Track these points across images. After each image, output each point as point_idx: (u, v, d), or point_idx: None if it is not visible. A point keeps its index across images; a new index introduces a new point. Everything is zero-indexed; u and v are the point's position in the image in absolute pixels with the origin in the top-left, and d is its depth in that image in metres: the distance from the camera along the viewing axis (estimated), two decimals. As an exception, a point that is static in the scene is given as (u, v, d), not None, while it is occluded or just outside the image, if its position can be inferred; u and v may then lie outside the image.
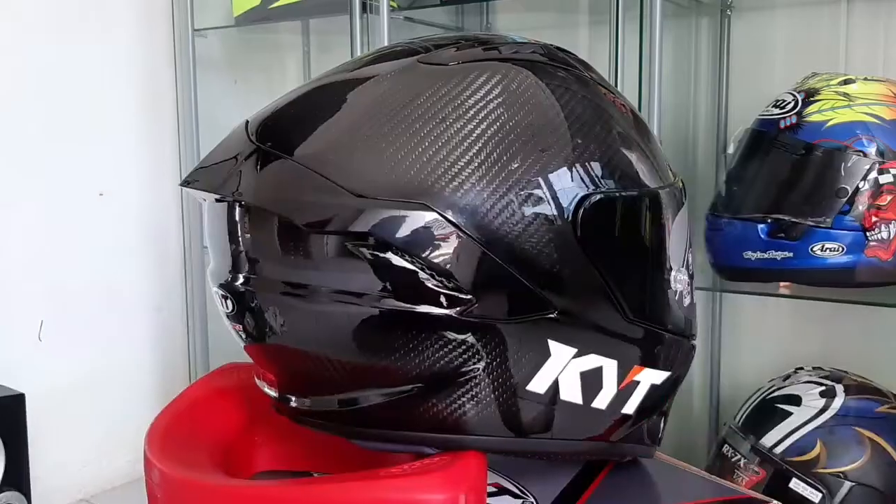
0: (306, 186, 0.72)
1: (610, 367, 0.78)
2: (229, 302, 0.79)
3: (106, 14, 2.56)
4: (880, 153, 1.68)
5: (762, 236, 1.75)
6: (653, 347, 0.81)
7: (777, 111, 1.78)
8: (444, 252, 0.71)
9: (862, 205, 1.68)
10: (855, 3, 2.09)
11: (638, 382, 0.81)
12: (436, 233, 0.71)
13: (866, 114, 1.70)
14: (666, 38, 1.96)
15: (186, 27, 2.56)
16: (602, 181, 0.75)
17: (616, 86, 1.88)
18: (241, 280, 0.77)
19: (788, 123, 1.75)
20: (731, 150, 1.92)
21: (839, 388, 1.79)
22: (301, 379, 0.79)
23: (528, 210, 0.72)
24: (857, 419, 1.74)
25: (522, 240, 0.72)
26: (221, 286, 0.79)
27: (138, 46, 2.65)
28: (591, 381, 0.77)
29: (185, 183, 0.79)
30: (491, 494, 0.81)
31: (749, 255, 1.76)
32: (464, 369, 0.74)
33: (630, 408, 0.81)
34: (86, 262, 2.54)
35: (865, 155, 1.67)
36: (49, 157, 2.44)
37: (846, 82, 1.77)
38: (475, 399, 0.74)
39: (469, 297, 0.72)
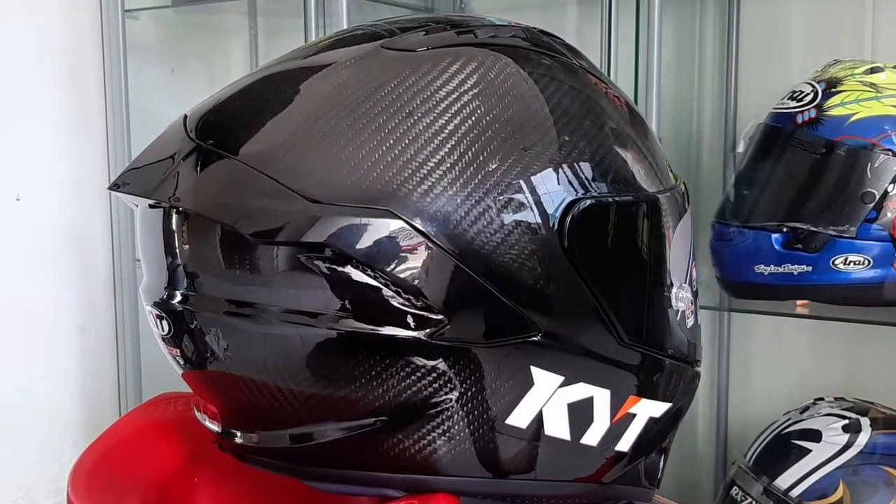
0: (253, 190, 0.72)
1: (602, 397, 0.78)
2: (165, 323, 0.79)
3: (23, -10, 2.55)
4: (911, 152, 1.69)
5: (776, 248, 1.76)
6: (651, 375, 0.82)
7: (794, 104, 1.79)
8: (411, 266, 0.71)
9: (891, 211, 1.69)
10: (882, -19, 2.11)
11: (634, 415, 0.81)
12: (402, 243, 0.71)
13: None
14: (666, 21, 1.97)
15: (116, 7, 2.54)
16: (593, 184, 0.76)
17: (609, 75, 1.89)
18: (178, 298, 0.77)
19: (807, 118, 1.75)
20: (740, 148, 1.94)
21: (865, 421, 1.80)
22: (247, 411, 0.79)
23: (508, 217, 0.72)
24: (885, 457, 1.74)
25: (501, 251, 0.72)
26: (156, 305, 0.79)
27: (60, 29, 2.63)
28: (581, 413, 0.78)
29: (115, 186, 0.79)
30: (465, 543, 0.81)
31: (761, 269, 1.77)
32: (434, 400, 0.74)
33: (625, 444, 0.82)
34: (-1, 277, 2.53)
35: (895, 154, 1.68)
36: (-44, 156, 2.43)
37: (873, 71, 1.78)
38: (447, 434, 0.75)
39: (440, 317, 0.72)
